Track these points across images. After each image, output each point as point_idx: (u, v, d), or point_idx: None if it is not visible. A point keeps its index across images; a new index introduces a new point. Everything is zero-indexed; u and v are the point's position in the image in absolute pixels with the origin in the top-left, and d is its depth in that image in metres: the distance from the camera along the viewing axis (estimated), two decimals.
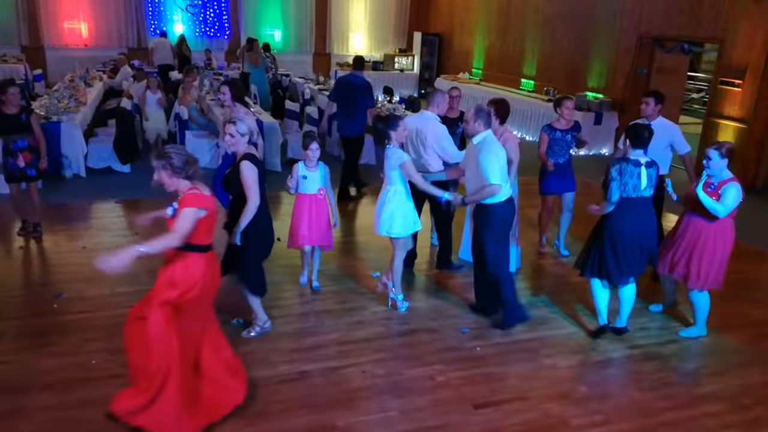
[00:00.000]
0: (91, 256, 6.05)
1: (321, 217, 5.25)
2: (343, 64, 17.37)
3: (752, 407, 4.17)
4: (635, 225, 4.58)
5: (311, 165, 5.18)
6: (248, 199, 4.29)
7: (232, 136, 4.26)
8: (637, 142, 4.58)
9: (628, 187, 4.49)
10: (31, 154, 6.14)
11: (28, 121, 6.09)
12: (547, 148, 6.24)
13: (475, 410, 3.99)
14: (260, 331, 4.73)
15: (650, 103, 5.93)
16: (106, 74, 13.28)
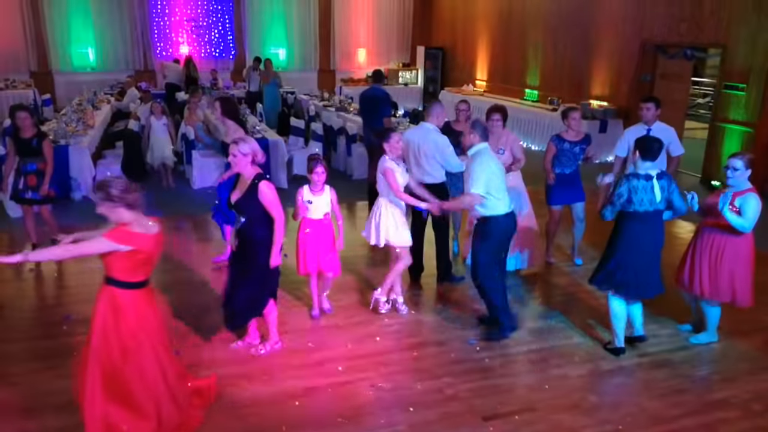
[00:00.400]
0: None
1: (327, 243, 5.07)
2: (347, 80, 17.51)
3: (764, 413, 4.13)
4: (652, 239, 4.50)
5: (316, 189, 4.98)
6: (276, 217, 4.33)
7: (234, 156, 4.28)
8: (648, 154, 4.43)
9: (644, 203, 4.40)
10: (37, 177, 6.30)
11: (39, 146, 6.25)
12: (553, 158, 6.22)
13: (484, 422, 3.97)
14: (271, 349, 4.76)
15: (651, 108, 5.97)
16: (114, 97, 13.42)
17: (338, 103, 12.92)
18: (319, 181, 4.93)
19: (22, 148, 6.28)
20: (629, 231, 4.50)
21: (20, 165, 6.34)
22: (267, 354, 4.70)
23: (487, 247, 4.86)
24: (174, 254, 6.67)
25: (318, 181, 4.93)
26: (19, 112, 6.25)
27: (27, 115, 6.25)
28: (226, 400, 4.12)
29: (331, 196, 5.03)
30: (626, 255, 4.51)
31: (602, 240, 7.20)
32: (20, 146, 6.27)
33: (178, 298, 5.60)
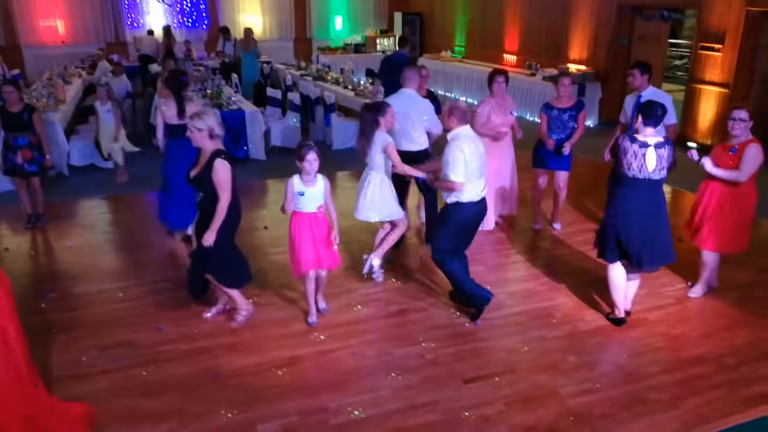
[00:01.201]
0: (78, 254, 6.09)
1: (324, 236, 4.57)
2: (324, 49, 17.26)
3: (738, 367, 4.23)
4: (640, 208, 4.35)
5: (309, 179, 4.43)
6: (220, 198, 4.25)
7: (191, 131, 4.26)
8: (649, 119, 4.28)
9: (633, 168, 4.30)
10: (31, 151, 6.35)
11: (29, 119, 6.29)
12: (546, 128, 6.20)
13: (465, 385, 4.03)
14: (246, 316, 4.75)
15: (636, 75, 5.92)
16: (85, 71, 13.12)
17: (315, 72, 12.76)
18: (312, 170, 4.37)
19: (10, 123, 6.27)
20: (618, 196, 4.45)
21: (9, 140, 6.31)
22: (245, 321, 4.72)
23: (449, 232, 4.68)
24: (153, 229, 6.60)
25: (310, 170, 4.37)
26: (6, 86, 6.28)
27: (13, 89, 6.25)
28: (211, 372, 4.14)
29: (325, 187, 4.51)
30: (615, 222, 4.43)
31: (584, 206, 7.31)
32: (9, 120, 6.26)
33: (156, 273, 5.58)
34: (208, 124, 4.27)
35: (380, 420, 3.70)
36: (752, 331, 4.66)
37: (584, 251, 6.07)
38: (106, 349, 4.41)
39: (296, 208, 4.48)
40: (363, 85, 11.13)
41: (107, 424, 3.66)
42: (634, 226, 4.37)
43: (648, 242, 4.40)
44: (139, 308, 4.98)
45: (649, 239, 4.39)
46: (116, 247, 6.23)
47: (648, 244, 4.40)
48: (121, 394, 3.92)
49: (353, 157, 9.58)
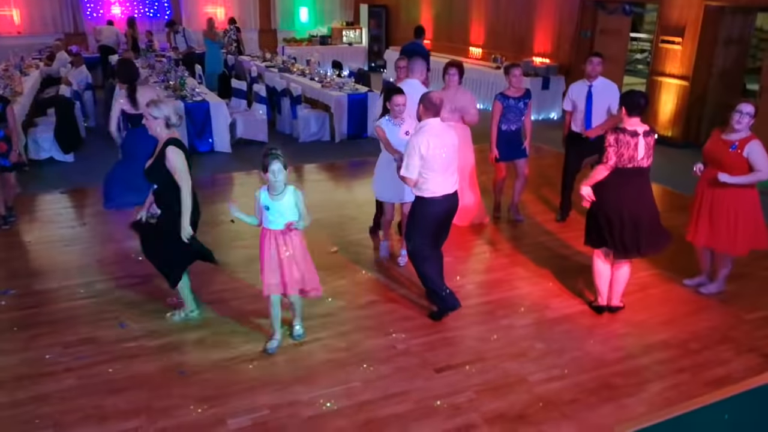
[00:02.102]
0: (38, 249, 5.92)
1: (295, 257, 4.07)
2: (289, 40, 17.09)
3: (701, 351, 4.35)
4: (632, 196, 4.38)
5: (275, 192, 3.96)
6: (181, 186, 4.16)
7: (147, 119, 4.22)
8: (634, 110, 4.33)
9: (624, 158, 4.31)
10: (6, 144, 6.05)
11: (3, 111, 6.02)
12: (500, 117, 6.26)
13: (436, 374, 4.05)
14: (184, 318, 4.66)
15: (597, 63, 6.05)
16: (43, 62, 12.72)
17: (281, 63, 12.63)
18: (276, 182, 3.90)
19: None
20: (607, 186, 4.41)
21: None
22: (179, 322, 4.62)
23: (416, 227, 4.57)
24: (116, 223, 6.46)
25: (274, 182, 3.90)
26: None
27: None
28: (179, 368, 4.08)
29: (297, 200, 4.01)
30: (607, 211, 4.44)
31: (548, 197, 7.40)
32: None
33: (120, 268, 5.47)
34: (164, 113, 4.22)
35: (352, 411, 3.69)
36: (714, 316, 4.79)
37: (549, 241, 6.16)
38: (70, 347, 4.30)
39: (264, 223, 4.06)
40: (330, 76, 11.05)
41: (73, 422, 3.58)
42: (625, 214, 4.39)
43: (642, 228, 4.43)
44: (102, 304, 4.87)
45: (643, 225, 4.43)
46: (77, 242, 6.07)
47: (642, 230, 4.44)
48: (86, 392, 3.84)
49: (321, 149, 9.57)
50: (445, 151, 4.41)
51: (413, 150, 4.35)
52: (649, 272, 5.46)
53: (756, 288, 5.24)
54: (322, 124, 9.97)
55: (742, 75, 9.90)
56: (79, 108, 9.62)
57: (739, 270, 5.50)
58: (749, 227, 4.82)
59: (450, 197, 4.54)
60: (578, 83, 6.33)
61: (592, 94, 6.11)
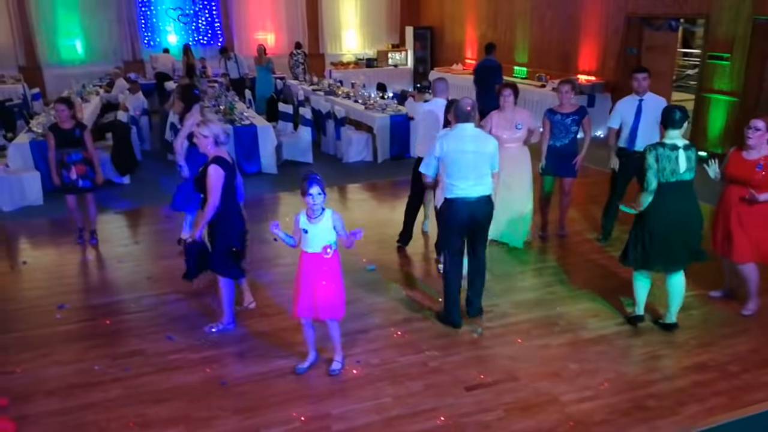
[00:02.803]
0: (93, 267, 6.26)
1: (328, 283, 4.10)
2: (337, 63, 17.48)
3: (740, 374, 4.24)
4: (677, 209, 4.46)
5: (313, 215, 4.00)
6: (208, 200, 4.51)
7: (197, 137, 4.60)
8: (671, 123, 4.44)
9: (666, 172, 4.38)
10: (85, 166, 6.47)
11: (81, 136, 6.43)
12: (549, 133, 6.30)
13: (467, 392, 4.09)
14: (221, 329, 4.88)
15: (645, 78, 6.04)
16: (103, 89, 13.44)
17: (327, 86, 12.94)
18: (314, 205, 3.94)
19: (63, 140, 6.37)
20: (652, 203, 4.47)
21: (63, 157, 6.40)
22: (217, 334, 4.83)
23: (443, 231, 4.86)
24: (167, 242, 6.77)
25: (313, 206, 3.94)
26: (58, 104, 6.43)
27: (65, 107, 6.38)
28: (218, 380, 4.25)
29: (335, 223, 4.04)
30: (648, 228, 4.51)
31: (592, 216, 7.34)
32: (61, 138, 6.37)
33: (168, 285, 5.72)
34: (213, 132, 4.57)
35: (381, 426, 3.77)
36: (756, 338, 4.66)
37: (590, 260, 6.11)
38: (118, 358, 4.54)
39: (302, 246, 4.10)
40: (373, 98, 11.28)
41: (117, 429, 3.78)
42: (671, 229, 4.47)
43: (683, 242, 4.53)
44: (150, 319, 5.12)
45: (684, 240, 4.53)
46: (130, 259, 6.37)
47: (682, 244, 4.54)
48: (131, 402, 4.04)
49: (364, 169, 9.76)
50: (464, 156, 4.57)
51: (432, 150, 4.73)
52: (690, 293, 5.33)
53: None
54: (365, 145, 10.16)
55: None
56: (135, 132, 10.10)
57: None
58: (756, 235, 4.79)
59: (467, 203, 4.62)
60: (627, 98, 6.25)
61: (641, 109, 6.05)
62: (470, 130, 4.66)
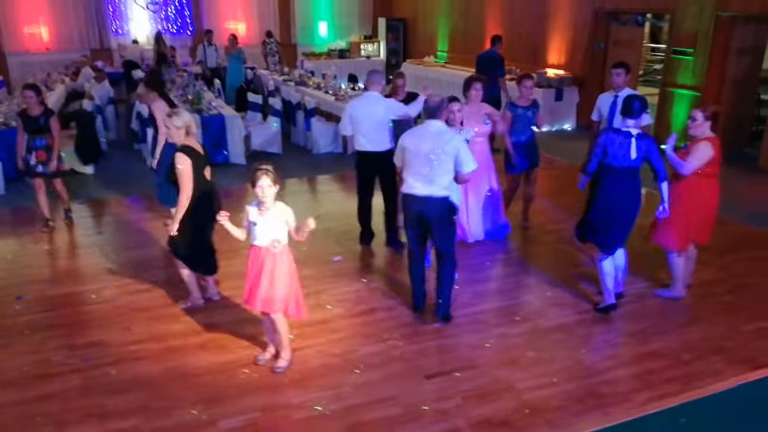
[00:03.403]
0: (54, 257, 6.17)
1: (273, 277, 4.00)
2: (308, 54, 17.38)
3: (692, 362, 4.36)
4: (625, 193, 4.71)
5: (263, 208, 3.95)
6: (181, 190, 4.52)
7: (168, 128, 4.56)
8: (628, 112, 4.65)
9: (618, 157, 4.61)
10: (46, 153, 6.50)
11: (46, 124, 6.44)
12: (510, 126, 6.36)
13: (426, 380, 4.14)
14: (191, 306, 5.01)
15: (622, 74, 6.16)
16: (69, 77, 13.18)
17: (298, 77, 12.88)
18: (264, 197, 3.88)
19: (30, 126, 6.43)
20: (604, 183, 4.73)
21: (29, 142, 6.48)
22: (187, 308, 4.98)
23: (405, 221, 4.89)
24: (131, 233, 6.71)
25: (262, 197, 3.88)
26: (26, 90, 6.44)
27: (33, 94, 6.38)
28: (179, 370, 4.23)
29: (285, 218, 3.99)
30: (596, 208, 4.77)
31: (558, 208, 7.45)
32: (28, 124, 6.42)
33: (130, 275, 5.67)
34: (184, 121, 4.59)
35: (341, 414, 3.80)
36: (708, 327, 4.79)
37: (553, 251, 6.21)
38: (77, 349, 4.49)
39: (251, 239, 4.04)
40: (344, 90, 11.26)
41: (74, 420, 3.75)
42: (615, 211, 4.71)
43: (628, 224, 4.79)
44: (111, 310, 5.07)
45: (629, 222, 4.78)
46: (92, 250, 6.29)
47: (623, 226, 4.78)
48: (90, 393, 4.01)
49: (333, 161, 9.74)
50: (418, 154, 4.57)
51: (399, 145, 4.80)
52: (647, 283, 5.47)
53: (755, 299, 5.22)
54: (335, 137, 10.15)
55: (757, 85, 9.84)
56: (100, 121, 9.95)
57: (739, 281, 5.52)
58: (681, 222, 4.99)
59: (418, 200, 4.61)
60: (606, 94, 6.40)
61: (617, 104, 6.14)
62: (433, 127, 4.60)
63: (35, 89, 6.51)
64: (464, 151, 4.56)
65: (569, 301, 5.19)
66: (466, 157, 4.55)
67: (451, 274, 4.80)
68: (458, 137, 4.66)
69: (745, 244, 6.35)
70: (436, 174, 4.54)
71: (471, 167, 4.58)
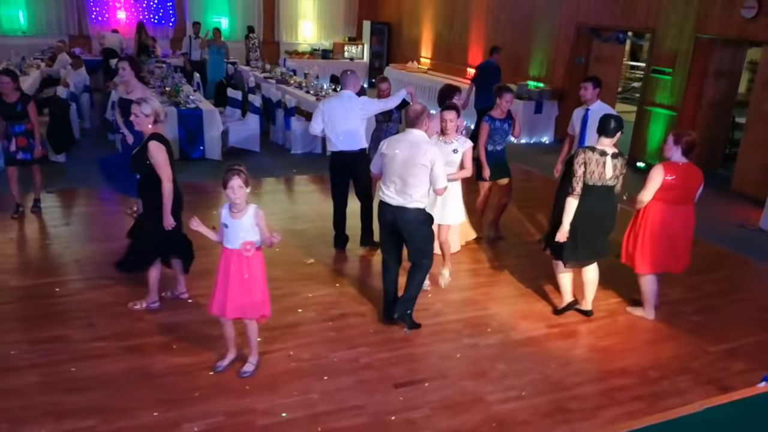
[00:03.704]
0: (19, 247, 6.00)
1: (246, 282, 3.90)
2: (291, 53, 17.27)
3: (659, 381, 4.38)
4: (596, 210, 4.76)
5: (235, 210, 3.85)
6: (162, 179, 4.44)
7: (137, 116, 4.44)
8: (602, 131, 4.70)
9: (594, 176, 4.65)
10: (26, 138, 6.40)
11: (24, 110, 6.32)
12: (487, 138, 6.37)
13: (395, 389, 4.09)
14: (146, 308, 4.89)
15: (588, 87, 6.22)
16: (45, 62, 12.90)
17: (279, 75, 12.77)
18: (235, 199, 3.78)
19: (6, 113, 6.31)
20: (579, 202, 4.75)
21: (7, 128, 6.37)
22: (142, 310, 4.86)
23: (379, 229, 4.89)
24: (99, 225, 6.56)
25: (234, 199, 3.78)
26: (2, 76, 6.24)
27: (9, 80, 6.23)
28: (141, 370, 4.13)
29: (257, 220, 3.88)
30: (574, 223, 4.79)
31: (533, 219, 7.48)
32: (4, 110, 6.30)
33: (96, 269, 5.53)
34: (154, 109, 4.50)
35: (306, 422, 3.73)
36: (677, 346, 4.83)
37: (527, 263, 6.22)
38: (37, 344, 4.36)
39: (223, 242, 3.93)
40: (325, 90, 11.19)
41: (31, 418, 3.62)
42: (588, 230, 4.77)
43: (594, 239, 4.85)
44: (75, 304, 4.94)
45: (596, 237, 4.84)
46: (58, 241, 6.14)
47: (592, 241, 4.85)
48: (48, 390, 3.89)
49: (312, 161, 9.67)
50: (392, 161, 4.52)
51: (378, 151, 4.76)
52: (619, 299, 5.51)
53: (722, 321, 5.29)
54: (314, 137, 10.04)
55: (732, 107, 10.01)
56: (74, 109, 9.74)
57: (708, 302, 5.58)
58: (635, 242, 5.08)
59: (390, 208, 4.58)
60: (579, 108, 6.45)
61: (587, 118, 6.20)
62: (411, 136, 4.54)
63: (11, 74, 6.38)
64: (438, 165, 4.47)
65: (540, 314, 5.20)
66: (440, 172, 4.48)
67: (419, 277, 4.76)
68: (435, 150, 4.52)
69: (715, 264, 6.44)
70: (410, 185, 4.49)
71: (440, 185, 4.53)
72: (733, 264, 6.56)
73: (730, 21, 8.70)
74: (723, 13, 8.79)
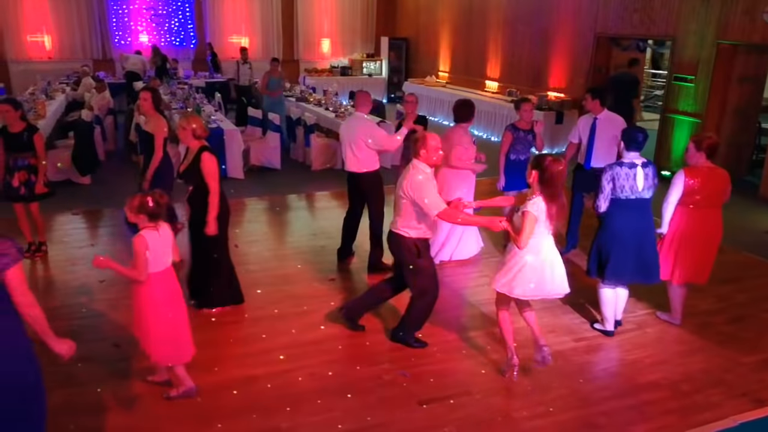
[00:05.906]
0: (45, 268, 6.07)
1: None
2: (311, 70, 17.41)
3: (691, 394, 4.27)
4: (634, 226, 4.64)
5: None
6: (211, 188, 4.74)
7: (183, 128, 4.77)
8: (631, 145, 4.63)
9: (625, 189, 4.57)
10: (28, 173, 5.97)
11: (30, 140, 5.89)
12: (509, 147, 6.45)
13: (419, 406, 4.04)
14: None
15: (587, 99, 6.26)
16: (70, 87, 13.17)
17: (299, 93, 12.87)
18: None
19: (11, 144, 5.88)
20: (610, 217, 4.69)
21: (10, 162, 5.93)
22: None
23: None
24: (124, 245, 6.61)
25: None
26: (2, 105, 5.81)
27: (9, 108, 5.78)
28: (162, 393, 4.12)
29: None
30: (608, 241, 4.71)
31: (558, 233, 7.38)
32: (9, 142, 5.87)
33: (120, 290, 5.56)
34: (191, 125, 4.79)
35: None
36: (708, 358, 4.71)
37: None
38: (61, 365, 4.36)
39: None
40: (345, 106, 11.24)
41: None
42: (627, 245, 4.63)
43: (639, 259, 4.68)
44: (100, 324, 4.98)
45: (640, 256, 4.68)
46: (84, 262, 6.20)
47: (638, 262, 4.69)
48: (72, 410, 3.91)
49: (331, 177, 9.69)
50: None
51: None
52: (647, 311, 5.39)
53: (755, 331, 5.15)
54: (334, 153, 10.11)
55: (757, 113, 9.84)
56: (99, 132, 9.90)
57: (739, 312, 5.44)
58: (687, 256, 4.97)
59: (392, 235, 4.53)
60: (585, 116, 6.44)
61: (596, 127, 6.17)
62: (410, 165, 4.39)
63: (13, 103, 5.91)
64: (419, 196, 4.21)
65: (566, 327, 5.11)
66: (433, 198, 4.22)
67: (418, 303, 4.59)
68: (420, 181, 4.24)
69: (745, 273, 6.28)
70: (395, 211, 4.50)
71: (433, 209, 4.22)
72: (764, 272, 6.39)
73: (752, 27, 8.57)
74: (744, 19, 8.67)
